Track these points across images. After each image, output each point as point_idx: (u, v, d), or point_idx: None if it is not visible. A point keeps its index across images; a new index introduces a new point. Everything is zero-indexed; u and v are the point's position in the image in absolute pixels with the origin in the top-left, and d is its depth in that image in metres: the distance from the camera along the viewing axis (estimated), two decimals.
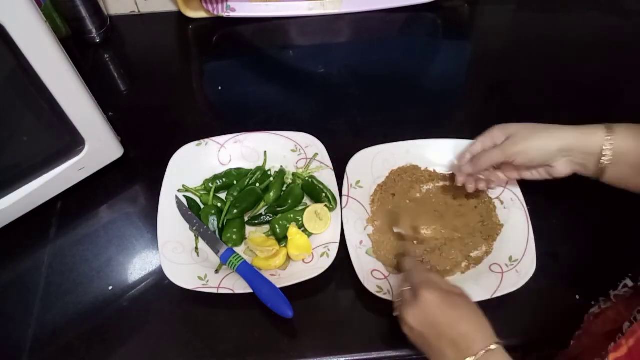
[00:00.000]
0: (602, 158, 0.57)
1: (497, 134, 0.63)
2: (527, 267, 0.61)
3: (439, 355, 0.49)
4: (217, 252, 0.65)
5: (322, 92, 0.88)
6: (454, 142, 0.73)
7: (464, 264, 0.65)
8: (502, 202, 0.70)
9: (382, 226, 0.68)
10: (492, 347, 0.47)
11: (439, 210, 0.70)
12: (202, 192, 0.71)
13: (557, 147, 0.59)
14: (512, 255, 0.64)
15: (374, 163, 0.72)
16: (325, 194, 0.68)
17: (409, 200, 0.71)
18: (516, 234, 0.66)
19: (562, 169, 0.61)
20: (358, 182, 0.71)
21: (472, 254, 0.66)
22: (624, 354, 0.43)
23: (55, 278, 0.66)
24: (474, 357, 0.47)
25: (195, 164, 0.72)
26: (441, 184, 0.72)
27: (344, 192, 0.69)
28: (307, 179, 0.70)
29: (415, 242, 0.67)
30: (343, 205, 0.67)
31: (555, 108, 0.84)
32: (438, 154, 0.74)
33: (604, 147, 0.56)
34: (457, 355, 0.48)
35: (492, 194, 0.71)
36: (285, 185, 0.72)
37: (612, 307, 0.56)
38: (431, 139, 0.74)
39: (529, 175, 0.65)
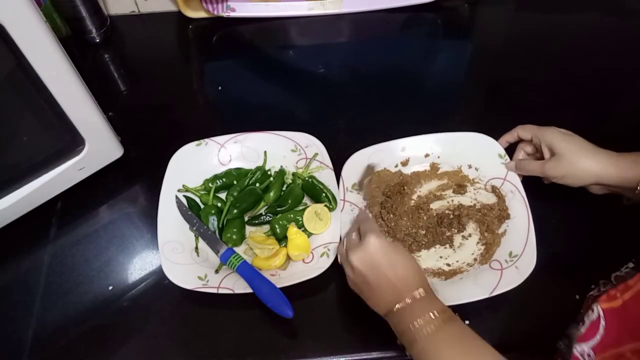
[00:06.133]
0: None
1: (548, 140, 0.64)
2: (526, 263, 0.61)
3: (378, 295, 0.53)
4: (217, 252, 0.65)
5: (322, 92, 0.88)
6: (444, 135, 0.73)
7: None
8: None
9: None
10: (421, 291, 0.51)
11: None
12: (202, 192, 0.71)
13: (595, 180, 0.61)
14: (512, 251, 0.63)
15: (370, 164, 0.72)
16: (325, 193, 0.68)
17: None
18: (517, 230, 0.65)
19: (596, 191, 0.64)
20: (354, 185, 0.70)
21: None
22: (619, 305, 0.43)
23: (55, 278, 0.66)
24: (409, 299, 0.51)
25: (195, 164, 0.72)
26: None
27: (340, 196, 0.68)
28: (307, 178, 0.70)
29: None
30: (339, 209, 0.67)
31: (555, 108, 0.84)
32: (435, 147, 0.73)
33: None
34: (394, 295, 0.52)
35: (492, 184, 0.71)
36: (285, 185, 0.72)
37: (611, 289, 0.56)
38: (421, 134, 0.73)
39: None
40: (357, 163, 0.71)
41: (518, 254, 0.62)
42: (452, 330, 0.49)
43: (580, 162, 0.61)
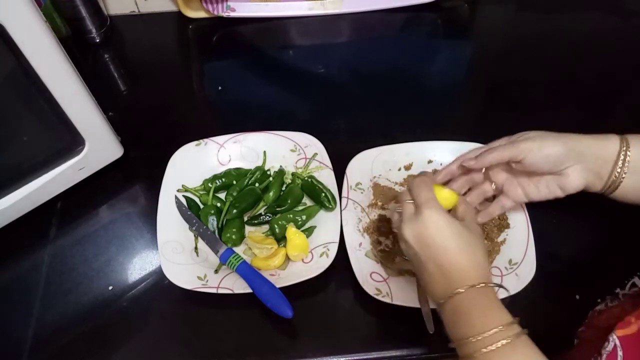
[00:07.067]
0: (618, 167, 0.53)
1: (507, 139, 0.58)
2: (526, 271, 0.61)
3: (429, 279, 0.46)
4: (216, 252, 0.65)
5: (322, 92, 0.88)
6: (454, 144, 0.73)
7: None
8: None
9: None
10: (481, 285, 0.43)
11: None
12: (201, 192, 0.71)
13: (571, 147, 0.54)
14: (512, 259, 0.63)
15: (374, 164, 0.72)
16: (325, 193, 0.68)
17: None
18: (516, 237, 0.65)
19: (574, 178, 0.56)
20: (358, 184, 0.71)
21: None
22: (634, 332, 0.43)
23: (55, 278, 0.66)
24: (462, 289, 0.44)
25: (194, 163, 0.72)
26: None
27: (344, 194, 0.69)
28: (306, 178, 0.70)
29: None
30: (342, 207, 0.67)
31: (556, 108, 0.84)
32: (438, 155, 0.73)
33: (620, 156, 0.53)
34: (446, 284, 0.45)
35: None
36: (284, 185, 0.72)
37: (618, 305, 0.56)
38: (431, 140, 0.74)
39: (536, 192, 0.59)
40: (362, 162, 0.72)
41: (518, 262, 0.63)
42: (523, 351, 0.41)
43: (550, 135, 0.55)
